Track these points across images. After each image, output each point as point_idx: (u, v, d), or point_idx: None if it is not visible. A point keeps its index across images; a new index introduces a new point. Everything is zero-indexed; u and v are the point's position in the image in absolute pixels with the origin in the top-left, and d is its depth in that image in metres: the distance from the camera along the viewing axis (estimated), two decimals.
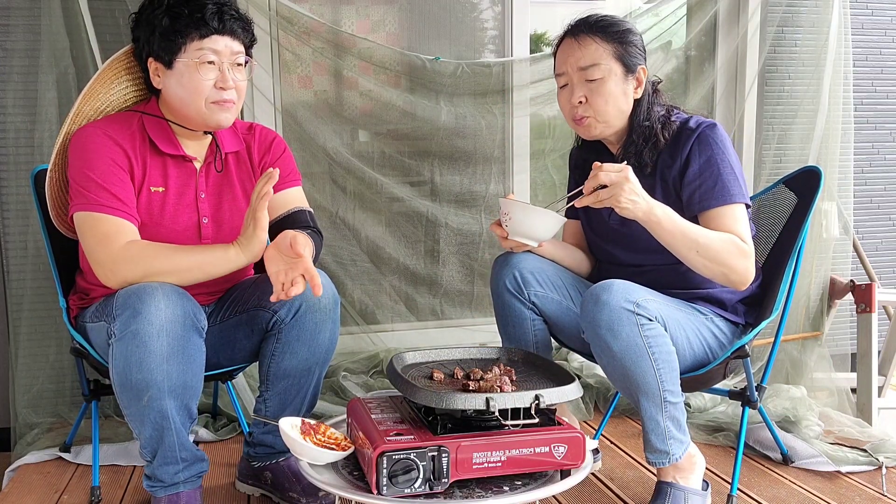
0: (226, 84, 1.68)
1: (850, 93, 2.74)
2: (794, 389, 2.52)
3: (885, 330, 2.81)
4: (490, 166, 2.83)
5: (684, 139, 1.76)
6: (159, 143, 1.73)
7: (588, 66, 1.77)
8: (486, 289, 2.88)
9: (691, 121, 1.79)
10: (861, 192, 3.01)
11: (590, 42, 1.78)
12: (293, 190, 1.88)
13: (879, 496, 1.96)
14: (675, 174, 1.77)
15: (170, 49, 1.66)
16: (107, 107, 1.81)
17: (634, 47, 1.80)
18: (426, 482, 1.35)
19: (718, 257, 1.66)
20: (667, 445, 1.69)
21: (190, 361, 1.57)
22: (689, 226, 1.66)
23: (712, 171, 1.72)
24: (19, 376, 2.37)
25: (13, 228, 2.39)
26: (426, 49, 2.73)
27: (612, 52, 1.77)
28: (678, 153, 1.76)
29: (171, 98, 1.71)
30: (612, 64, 1.77)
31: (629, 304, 1.60)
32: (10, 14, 2.32)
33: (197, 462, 1.70)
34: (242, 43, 1.73)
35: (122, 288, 1.57)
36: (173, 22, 1.65)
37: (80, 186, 1.64)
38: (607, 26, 1.79)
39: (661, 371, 1.63)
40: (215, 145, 1.80)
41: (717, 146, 1.73)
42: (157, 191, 1.72)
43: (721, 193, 1.71)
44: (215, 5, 1.67)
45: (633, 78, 1.80)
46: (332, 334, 1.76)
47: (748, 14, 2.82)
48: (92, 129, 1.69)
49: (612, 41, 1.77)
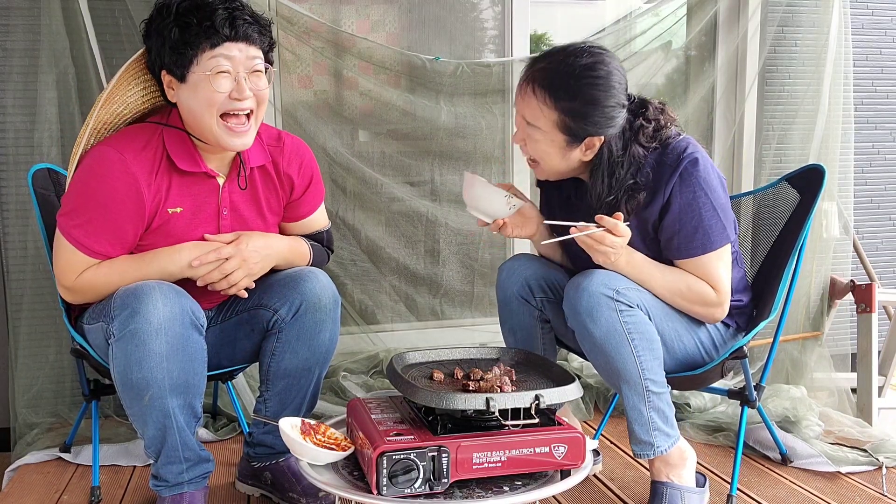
0: (242, 94, 1.58)
1: (851, 93, 2.74)
2: (794, 389, 2.53)
3: (885, 330, 2.81)
4: (490, 166, 2.83)
5: (666, 177, 1.66)
6: (178, 160, 1.63)
7: (528, 122, 1.67)
8: (486, 289, 2.90)
9: (670, 153, 1.67)
10: (861, 191, 3.01)
11: (531, 100, 1.64)
12: (317, 213, 1.90)
13: (879, 496, 1.96)
14: (654, 216, 1.70)
15: (181, 62, 1.57)
16: (124, 109, 1.71)
17: (588, 121, 1.61)
18: (426, 482, 1.35)
19: (690, 308, 1.73)
20: (651, 437, 1.68)
21: (190, 359, 1.57)
22: (664, 276, 1.70)
23: (693, 216, 1.65)
24: (19, 376, 2.37)
25: (13, 228, 2.39)
26: (426, 49, 2.73)
27: (556, 120, 1.63)
28: (658, 193, 1.67)
29: (186, 113, 1.63)
30: (552, 131, 1.64)
31: (609, 291, 1.62)
32: (10, 14, 2.32)
33: (202, 462, 1.69)
34: (259, 48, 1.62)
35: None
36: (183, 33, 1.55)
37: (71, 208, 1.61)
38: (560, 90, 1.60)
39: (642, 358, 1.63)
40: (240, 160, 1.72)
41: (700, 186, 1.64)
42: (175, 211, 1.66)
43: (702, 242, 1.67)
44: (226, 10, 1.56)
45: (581, 145, 1.66)
46: (333, 334, 1.76)
47: (748, 14, 2.82)
48: (110, 152, 1.60)
49: (559, 109, 1.61)
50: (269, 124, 1.90)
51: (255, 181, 1.77)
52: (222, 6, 1.57)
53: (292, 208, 1.85)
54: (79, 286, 1.65)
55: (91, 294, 1.66)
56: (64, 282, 1.65)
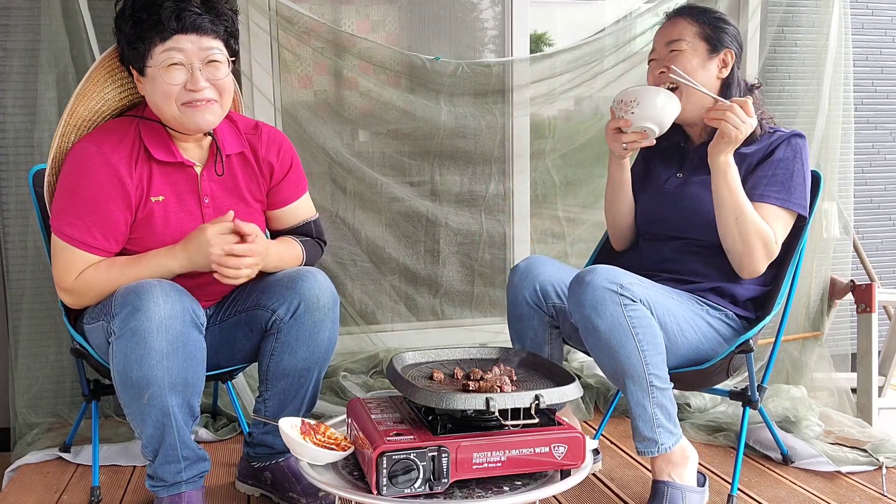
0: (196, 85, 1.60)
1: (851, 93, 2.74)
2: (794, 389, 2.52)
3: (885, 330, 2.81)
4: (490, 166, 2.83)
5: (775, 137, 1.86)
6: (155, 151, 1.67)
7: (673, 40, 1.88)
8: (486, 289, 2.90)
9: (781, 131, 1.88)
10: (861, 191, 3.01)
11: (679, 20, 1.91)
12: (299, 202, 1.89)
13: (879, 496, 1.96)
14: (755, 158, 1.84)
15: (137, 57, 1.62)
16: (103, 106, 1.75)
17: (724, 32, 1.89)
18: (426, 482, 1.35)
19: (748, 238, 1.76)
20: (655, 434, 1.69)
21: (190, 357, 1.57)
22: (744, 196, 1.76)
23: (787, 170, 1.81)
24: (19, 376, 2.37)
25: (13, 228, 2.39)
26: (426, 49, 2.73)
27: (697, 31, 1.88)
28: (763, 145, 1.85)
29: (151, 104, 1.67)
30: (696, 41, 1.87)
31: (613, 286, 1.64)
32: (10, 14, 2.32)
33: (199, 461, 1.69)
34: (215, 37, 1.64)
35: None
36: (136, 28, 1.59)
37: (62, 209, 1.64)
38: (700, 11, 1.93)
39: (646, 353, 1.64)
40: (216, 147, 1.75)
41: (800, 154, 1.83)
42: (158, 200, 1.68)
43: (784, 194, 1.80)
44: (175, 3, 1.57)
45: (718, 58, 1.88)
46: (332, 334, 1.76)
47: (748, 14, 2.82)
48: (88, 146, 1.64)
49: (700, 22, 1.89)
50: (256, 119, 1.91)
51: (234, 168, 1.79)
52: (171, 0, 1.59)
53: (275, 193, 1.86)
54: (78, 287, 1.65)
55: (90, 295, 1.66)
56: (63, 284, 1.66)
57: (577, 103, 2.95)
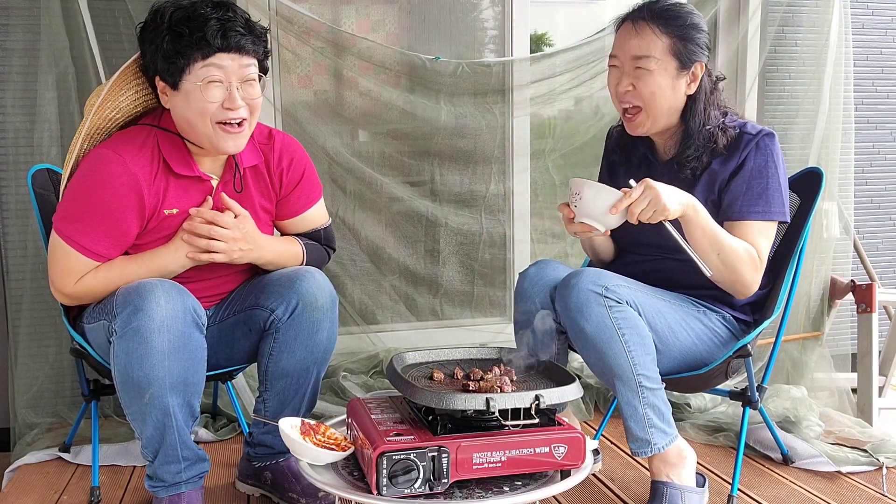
0: (234, 104, 1.59)
1: (851, 93, 2.74)
2: (794, 389, 2.52)
3: (885, 330, 2.81)
4: (490, 166, 2.83)
5: (743, 144, 1.77)
6: (173, 164, 1.65)
7: (641, 56, 1.74)
8: (486, 289, 2.90)
9: (748, 126, 1.79)
10: (861, 191, 3.01)
11: (646, 31, 1.74)
12: (310, 211, 1.89)
13: (880, 496, 1.96)
14: (725, 175, 1.77)
15: (173, 71, 1.58)
16: (117, 114, 1.72)
17: (694, 44, 1.75)
18: (426, 482, 1.35)
19: (734, 266, 1.71)
20: (647, 434, 1.68)
21: (191, 357, 1.57)
22: (717, 228, 1.70)
23: (761, 180, 1.74)
24: (19, 376, 2.37)
25: (13, 228, 2.39)
26: (426, 49, 2.73)
27: (668, 46, 1.74)
28: (733, 157, 1.77)
29: (179, 120, 1.64)
30: (666, 58, 1.74)
31: (598, 288, 1.64)
32: (9, 14, 2.32)
33: (199, 462, 1.69)
34: (253, 56, 1.63)
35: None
36: (175, 43, 1.56)
37: (72, 214, 1.62)
38: (670, 18, 1.75)
39: (634, 353, 1.64)
40: (234, 162, 1.73)
41: (772, 157, 1.75)
42: (171, 213, 1.67)
43: (763, 206, 1.74)
44: (219, 21, 1.56)
45: (688, 73, 1.77)
46: (330, 334, 1.76)
47: (748, 14, 2.82)
48: (108, 154, 1.61)
49: (670, 34, 1.74)
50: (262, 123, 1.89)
51: (248, 181, 1.77)
52: (215, 17, 1.56)
53: (284, 204, 1.85)
54: (78, 291, 1.64)
55: (89, 298, 1.67)
56: (62, 288, 1.65)
57: (577, 103, 2.95)
